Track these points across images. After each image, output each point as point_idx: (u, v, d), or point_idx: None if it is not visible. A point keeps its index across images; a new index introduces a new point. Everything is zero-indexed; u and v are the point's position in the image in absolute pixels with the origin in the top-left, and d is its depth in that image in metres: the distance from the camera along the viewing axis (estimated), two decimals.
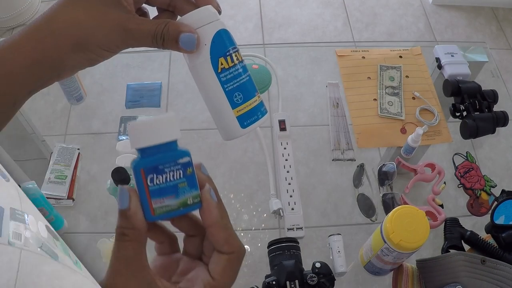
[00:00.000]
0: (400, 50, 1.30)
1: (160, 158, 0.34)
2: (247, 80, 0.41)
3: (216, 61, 0.40)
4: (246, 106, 0.42)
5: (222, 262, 0.34)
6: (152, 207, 0.32)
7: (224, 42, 0.40)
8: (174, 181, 0.33)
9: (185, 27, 0.38)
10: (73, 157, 1.04)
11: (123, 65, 1.26)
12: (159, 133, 0.34)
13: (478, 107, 1.12)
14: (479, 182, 1.05)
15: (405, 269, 0.88)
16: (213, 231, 0.34)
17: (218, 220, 0.34)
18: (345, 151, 1.10)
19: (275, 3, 2.49)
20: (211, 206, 0.34)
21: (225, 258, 0.34)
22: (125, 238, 0.32)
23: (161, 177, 0.33)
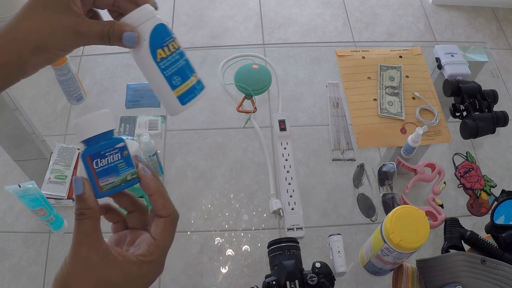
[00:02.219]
0: (400, 50, 1.30)
1: (101, 145, 0.41)
2: (184, 65, 0.49)
3: (155, 52, 0.46)
4: (184, 86, 0.50)
5: (161, 224, 0.42)
6: (99, 186, 0.41)
7: (161, 35, 0.46)
8: (114, 162, 0.41)
9: (127, 27, 0.44)
10: (73, 157, 1.04)
11: (123, 65, 1.26)
12: (97, 126, 0.41)
13: (478, 107, 1.12)
14: (479, 182, 1.05)
15: (405, 269, 0.88)
16: (154, 198, 0.43)
17: (157, 190, 0.43)
18: (345, 151, 1.10)
19: (275, 3, 2.49)
20: (147, 179, 0.43)
21: (163, 220, 0.42)
22: (83, 216, 0.38)
23: (104, 160, 0.40)
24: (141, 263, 0.39)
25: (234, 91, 1.20)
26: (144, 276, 0.40)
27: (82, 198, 0.39)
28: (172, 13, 2.43)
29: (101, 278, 0.37)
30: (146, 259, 0.40)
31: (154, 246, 0.41)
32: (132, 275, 0.39)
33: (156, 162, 1.00)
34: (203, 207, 1.02)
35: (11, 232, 0.99)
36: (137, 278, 0.39)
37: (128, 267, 0.38)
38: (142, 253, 0.40)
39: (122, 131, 1.11)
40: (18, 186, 0.86)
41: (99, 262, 0.37)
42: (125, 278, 0.38)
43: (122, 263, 0.38)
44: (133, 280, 0.39)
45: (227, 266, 0.95)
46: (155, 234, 0.42)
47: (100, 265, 0.37)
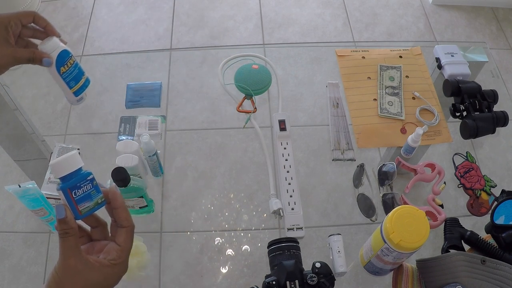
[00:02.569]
0: (400, 50, 1.30)
1: (77, 179, 0.52)
2: (77, 73, 0.77)
3: (59, 69, 0.73)
4: (77, 86, 0.78)
5: (123, 233, 0.53)
6: (79, 210, 0.52)
7: (63, 57, 0.72)
8: (88, 191, 0.52)
9: (44, 54, 0.71)
10: None
11: (123, 65, 1.26)
12: (71, 165, 0.52)
13: (478, 107, 1.12)
14: (479, 182, 1.05)
15: (405, 269, 0.88)
16: (119, 211, 0.53)
17: (121, 205, 0.53)
18: (345, 151, 1.10)
19: (275, 3, 2.49)
20: (116, 195, 0.53)
21: (125, 230, 0.53)
22: (67, 235, 0.48)
23: (80, 190, 0.52)
24: (113, 266, 0.51)
25: (234, 91, 1.20)
26: (116, 274, 0.51)
27: (65, 221, 0.49)
28: (172, 13, 2.43)
29: (86, 280, 0.49)
30: (116, 262, 0.51)
31: (120, 251, 0.52)
32: (107, 275, 0.50)
33: (156, 162, 1.00)
34: (203, 207, 1.02)
35: (11, 232, 0.99)
36: (111, 277, 0.51)
37: (104, 270, 0.50)
38: (112, 257, 0.51)
39: (122, 131, 1.11)
40: (18, 186, 0.86)
41: (83, 268, 0.48)
42: (103, 278, 0.50)
43: (99, 267, 0.50)
44: (108, 279, 0.50)
45: (227, 266, 0.95)
46: (119, 241, 0.53)
47: (85, 271, 0.48)
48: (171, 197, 1.04)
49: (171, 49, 2.25)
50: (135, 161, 0.93)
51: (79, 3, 2.50)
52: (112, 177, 0.84)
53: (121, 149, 0.96)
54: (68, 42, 0.76)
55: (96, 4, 2.49)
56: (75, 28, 2.37)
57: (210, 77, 1.23)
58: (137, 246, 0.90)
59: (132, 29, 2.36)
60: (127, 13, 2.44)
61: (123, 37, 2.32)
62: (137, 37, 2.32)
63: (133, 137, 1.09)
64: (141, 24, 2.39)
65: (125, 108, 1.16)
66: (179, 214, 1.01)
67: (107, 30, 2.36)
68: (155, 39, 2.31)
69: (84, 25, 2.38)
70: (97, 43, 2.30)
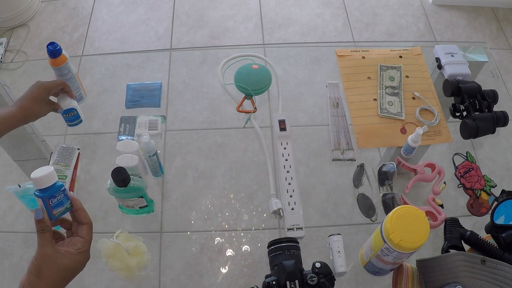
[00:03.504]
0: (400, 50, 1.30)
1: (53, 190, 0.65)
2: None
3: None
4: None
5: (85, 228, 0.68)
6: (53, 213, 0.67)
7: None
8: (60, 199, 0.67)
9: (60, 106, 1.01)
10: (73, 157, 1.04)
11: (123, 65, 1.26)
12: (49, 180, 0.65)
13: (478, 107, 1.12)
14: (479, 182, 1.05)
15: (405, 269, 0.88)
16: (79, 213, 0.69)
17: (81, 207, 0.69)
18: (345, 151, 1.10)
19: (275, 3, 2.49)
20: (78, 203, 0.70)
21: (86, 226, 0.69)
22: (44, 231, 0.63)
23: (55, 199, 0.66)
24: (79, 253, 0.65)
25: (234, 91, 1.20)
26: (81, 260, 0.66)
27: (42, 221, 0.63)
28: (172, 13, 2.43)
29: (59, 265, 0.62)
30: (81, 250, 0.66)
31: (84, 242, 0.67)
32: (75, 261, 0.64)
33: (156, 162, 1.00)
34: (203, 207, 1.02)
35: (11, 232, 0.99)
36: (78, 262, 0.65)
37: (72, 257, 0.64)
38: (78, 247, 0.66)
39: (122, 131, 1.11)
40: (18, 186, 0.86)
41: (56, 256, 0.62)
42: (72, 263, 0.64)
43: (68, 255, 0.64)
44: (76, 264, 0.65)
45: (227, 266, 0.95)
46: (82, 235, 0.68)
47: (57, 258, 0.62)
48: (171, 197, 1.04)
49: (171, 49, 2.25)
50: (135, 161, 0.93)
51: (79, 3, 2.50)
52: (112, 177, 0.84)
53: (121, 149, 0.96)
54: (68, 42, 0.78)
55: (96, 4, 2.49)
56: (75, 28, 2.37)
57: (210, 77, 1.23)
58: (137, 246, 0.90)
59: (132, 29, 2.36)
60: (127, 13, 2.44)
61: (123, 37, 2.32)
62: (137, 37, 2.32)
63: (133, 137, 1.09)
64: (141, 24, 2.39)
65: (125, 108, 1.16)
66: (179, 214, 1.01)
67: (107, 30, 2.36)
68: (155, 39, 2.31)
69: (84, 25, 2.38)
70: (97, 43, 2.30)
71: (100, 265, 0.92)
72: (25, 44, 2.29)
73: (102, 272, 0.93)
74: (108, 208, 1.01)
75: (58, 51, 1.02)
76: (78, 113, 1.07)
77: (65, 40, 2.30)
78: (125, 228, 0.96)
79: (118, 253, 0.88)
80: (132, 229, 0.99)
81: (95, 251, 0.91)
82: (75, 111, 1.05)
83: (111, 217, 1.00)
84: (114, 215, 1.00)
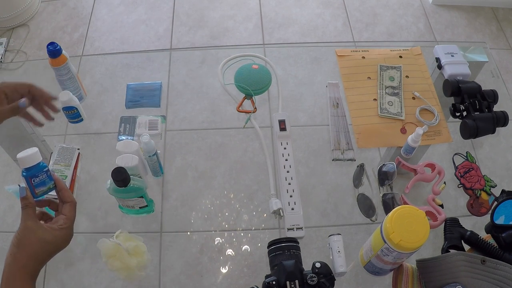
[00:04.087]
0: (400, 50, 1.30)
1: (36, 170, 0.70)
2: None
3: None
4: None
5: (67, 206, 0.71)
6: (36, 192, 0.71)
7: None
8: (43, 179, 0.71)
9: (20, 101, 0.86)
10: (73, 157, 1.04)
11: (123, 65, 1.26)
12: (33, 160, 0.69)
13: (478, 107, 1.12)
14: (479, 182, 1.05)
15: (405, 269, 0.88)
16: (62, 192, 0.72)
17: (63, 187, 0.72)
18: (345, 151, 1.10)
19: (275, 3, 2.49)
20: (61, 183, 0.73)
21: (68, 204, 0.71)
22: (27, 207, 0.66)
23: (37, 178, 0.70)
24: (61, 229, 0.68)
25: (234, 91, 1.20)
26: (63, 236, 0.68)
27: (26, 198, 0.67)
28: (172, 13, 2.43)
29: (40, 239, 0.65)
30: (63, 226, 0.68)
31: (66, 219, 0.70)
32: (56, 236, 0.67)
33: (156, 162, 1.00)
34: (203, 207, 1.02)
35: (11, 232, 0.98)
36: (59, 238, 0.67)
37: (53, 232, 0.67)
38: (60, 224, 0.69)
39: (122, 131, 1.11)
40: (18, 186, 0.86)
41: (37, 230, 0.65)
42: (53, 238, 0.66)
43: (50, 230, 0.67)
44: (57, 239, 0.67)
45: (227, 266, 0.95)
46: (65, 212, 0.70)
47: (38, 231, 0.65)
48: (171, 197, 1.04)
49: (171, 49, 2.25)
50: (135, 161, 0.93)
51: (79, 3, 2.50)
52: (112, 177, 0.84)
53: (121, 149, 0.96)
54: (68, 42, 0.79)
55: (96, 4, 2.49)
56: (75, 28, 2.37)
57: (210, 77, 1.23)
58: (137, 246, 0.90)
59: (132, 29, 2.36)
60: (127, 13, 2.44)
61: (123, 37, 2.32)
62: (137, 37, 2.32)
63: (133, 137, 1.09)
64: (141, 24, 2.39)
65: (125, 108, 1.16)
66: (179, 214, 1.01)
67: (107, 30, 2.36)
68: (155, 39, 2.31)
69: (84, 25, 2.38)
70: (97, 43, 2.30)
71: (100, 265, 0.92)
72: (25, 44, 2.29)
73: (102, 272, 0.93)
74: (108, 208, 1.01)
75: (58, 51, 1.02)
76: (79, 112, 1.07)
77: (65, 40, 2.30)
78: (125, 228, 0.96)
79: (118, 253, 0.88)
80: (132, 229, 0.99)
81: (95, 251, 0.91)
82: (75, 109, 1.05)
83: (111, 217, 1.00)
84: (114, 215, 1.00)
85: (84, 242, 0.97)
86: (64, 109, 1.05)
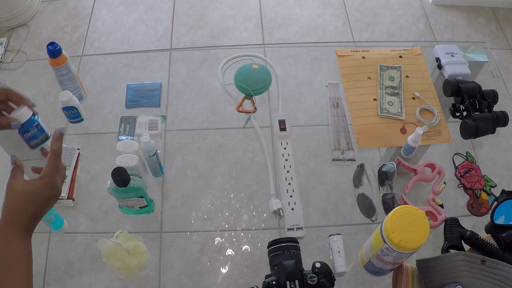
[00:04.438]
0: (400, 50, 1.30)
1: (27, 126, 0.80)
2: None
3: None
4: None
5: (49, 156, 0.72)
6: (30, 145, 0.82)
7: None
8: (34, 133, 0.82)
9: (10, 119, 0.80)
10: (73, 157, 1.04)
11: (123, 65, 1.26)
12: (22, 117, 0.79)
13: (478, 107, 1.12)
14: (479, 182, 1.05)
15: (405, 269, 0.88)
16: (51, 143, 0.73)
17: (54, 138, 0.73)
18: (345, 151, 1.10)
19: (275, 3, 2.49)
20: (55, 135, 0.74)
21: (50, 153, 0.72)
22: (14, 169, 0.69)
23: (29, 133, 0.81)
24: (40, 178, 0.69)
25: (234, 91, 1.20)
26: (43, 184, 0.69)
27: (13, 163, 0.70)
28: (172, 13, 2.43)
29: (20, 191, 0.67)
30: (42, 175, 0.69)
31: (46, 167, 0.70)
32: (36, 186, 0.68)
33: (156, 162, 1.00)
34: (203, 207, 1.02)
35: None
36: (39, 186, 0.68)
37: (33, 182, 0.68)
38: (41, 174, 0.70)
39: (122, 131, 1.11)
40: None
41: (19, 185, 0.67)
42: (33, 188, 0.67)
43: (31, 182, 0.68)
44: (37, 188, 0.68)
45: (227, 266, 0.95)
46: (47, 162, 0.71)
47: (19, 186, 0.67)
48: (171, 197, 1.04)
49: (171, 49, 2.25)
50: (135, 161, 0.93)
51: (79, 3, 2.50)
52: (112, 177, 0.84)
53: (121, 149, 0.96)
54: (68, 42, 0.78)
55: (96, 4, 2.49)
56: (75, 28, 2.37)
57: (210, 77, 1.23)
58: (137, 246, 0.90)
59: (132, 29, 2.36)
60: (127, 13, 2.44)
61: (123, 37, 2.32)
62: (137, 37, 2.32)
63: (133, 137, 1.09)
64: (141, 24, 2.38)
65: (125, 108, 1.16)
66: (179, 214, 1.01)
67: (107, 30, 2.36)
68: (155, 39, 2.31)
69: (84, 25, 2.38)
70: (97, 43, 2.30)
71: (100, 265, 0.92)
72: (25, 44, 2.29)
73: (102, 272, 0.93)
74: (108, 208, 1.01)
75: (58, 51, 1.02)
76: (79, 112, 1.08)
77: (65, 40, 2.29)
78: (125, 228, 0.96)
79: (118, 253, 0.88)
80: (132, 229, 0.99)
81: (95, 251, 0.91)
82: (75, 109, 1.06)
83: (111, 217, 1.00)
84: (114, 215, 1.00)
85: (84, 242, 0.97)
86: (64, 109, 1.05)
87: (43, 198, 0.68)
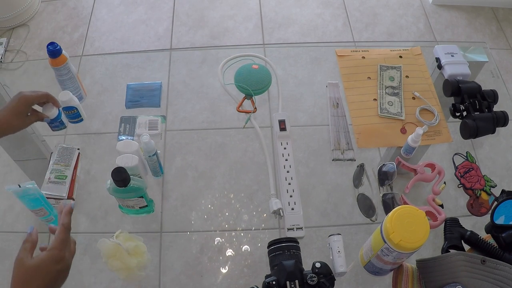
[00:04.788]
0: (400, 50, 1.30)
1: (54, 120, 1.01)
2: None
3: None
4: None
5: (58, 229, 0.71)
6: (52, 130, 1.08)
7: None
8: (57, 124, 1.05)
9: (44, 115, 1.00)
10: (73, 157, 1.04)
11: (123, 65, 1.26)
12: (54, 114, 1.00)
13: (478, 107, 1.12)
14: (479, 182, 1.05)
15: (405, 269, 0.88)
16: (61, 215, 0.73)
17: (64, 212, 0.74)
18: (345, 151, 1.10)
19: (275, 3, 2.49)
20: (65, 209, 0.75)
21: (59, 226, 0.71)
22: (26, 242, 0.70)
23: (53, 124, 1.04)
24: (48, 251, 0.68)
25: (234, 91, 1.20)
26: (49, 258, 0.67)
27: (30, 235, 0.71)
28: (172, 13, 2.43)
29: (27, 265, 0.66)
30: (49, 248, 0.68)
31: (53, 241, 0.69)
32: (42, 259, 0.67)
33: (156, 162, 1.00)
34: (203, 207, 1.02)
35: (11, 232, 0.99)
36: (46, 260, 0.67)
37: (40, 256, 0.67)
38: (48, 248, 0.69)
39: (122, 131, 1.11)
40: (18, 186, 0.86)
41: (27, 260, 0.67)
42: (39, 262, 0.66)
43: (37, 257, 0.67)
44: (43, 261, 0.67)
45: (227, 266, 0.95)
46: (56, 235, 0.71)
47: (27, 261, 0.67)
48: (171, 197, 1.04)
49: (171, 49, 2.25)
50: (135, 161, 0.93)
51: (79, 3, 2.50)
52: (112, 177, 0.84)
53: (121, 149, 0.96)
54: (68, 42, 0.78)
55: (96, 4, 2.49)
56: (75, 28, 2.37)
57: (210, 77, 1.23)
58: (137, 246, 0.90)
59: (132, 29, 2.36)
60: (127, 13, 2.44)
61: (123, 37, 2.32)
62: (137, 37, 2.32)
63: (133, 137, 1.09)
64: (141, 24, 2.38)
65: (125, 108, 1.16)
66: (179, 214, 1.01)
67: (107, 30, 2.36)
68: (155, 39, 2.31)
69: (84, 25, 2.38)
70: (97, 43, 2.30)
71: (100, 265, 0.92)
72: (25, 44, 2.29)
73: (102, 272, 0.93)
74: (108, 208, 1.01)
75: (58, 51, 1.02)
76: (79, 112, 1.08)
77: (65, 40, 2.29)
78: (125, 228, 0.96)
79: (118, 253, 0.88)
80: (132, 229, 0.99)
81: (95, 251, 0.91)
82: (75, 109, 1.06)
83: (111, 217, 1.00)
84: (114, 215, 1.00)
85: (84, 242, 0.96)
86: (64, 109, 1.05)
87: (50, 271, 0.67)
